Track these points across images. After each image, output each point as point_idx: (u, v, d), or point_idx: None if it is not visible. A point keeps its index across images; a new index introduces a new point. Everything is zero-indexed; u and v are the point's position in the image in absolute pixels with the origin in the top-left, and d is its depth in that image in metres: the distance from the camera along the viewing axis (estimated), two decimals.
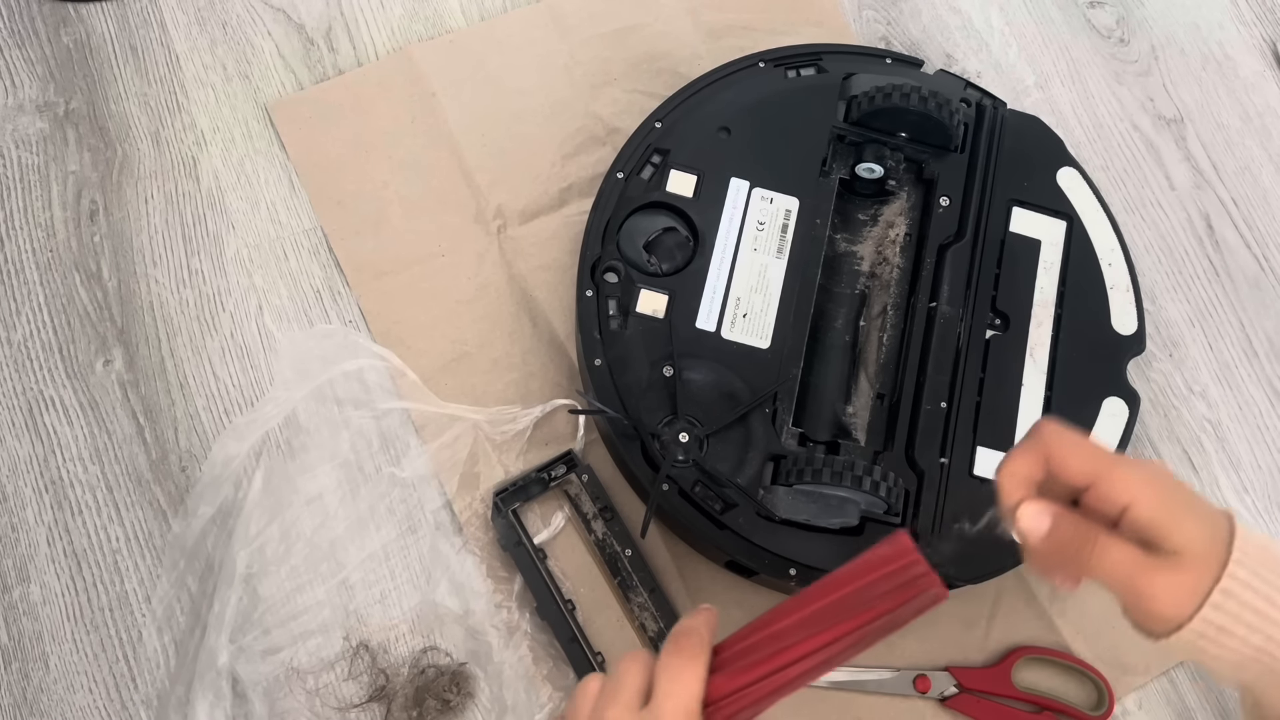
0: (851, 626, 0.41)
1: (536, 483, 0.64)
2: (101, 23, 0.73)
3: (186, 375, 0.66)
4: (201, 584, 0.62)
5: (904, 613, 0.41)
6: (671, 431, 0.60)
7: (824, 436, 0.63)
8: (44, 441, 0.64)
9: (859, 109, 0.67)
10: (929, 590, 0.41)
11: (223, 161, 0.71)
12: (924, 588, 0.41)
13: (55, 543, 0.63)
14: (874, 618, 0.41)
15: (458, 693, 0.61)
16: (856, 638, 0.41)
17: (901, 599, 0.41)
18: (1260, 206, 0.77)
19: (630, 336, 0.62)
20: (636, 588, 0.63)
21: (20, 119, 0.70)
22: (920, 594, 0.41)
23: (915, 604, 0.41)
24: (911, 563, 0.41)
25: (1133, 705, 0.65)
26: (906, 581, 0.41)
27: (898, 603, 0.41)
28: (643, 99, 0.73)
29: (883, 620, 0.41)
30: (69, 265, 0.68)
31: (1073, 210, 0.68)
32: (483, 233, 0.70)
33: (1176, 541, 0.39)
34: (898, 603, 0.41)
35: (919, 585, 0.41)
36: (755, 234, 0.65)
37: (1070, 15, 0.81)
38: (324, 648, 0.62)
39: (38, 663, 0.61)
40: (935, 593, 0.41)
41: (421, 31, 0.75)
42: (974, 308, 0.65)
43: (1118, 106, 0.79)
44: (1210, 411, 0.72)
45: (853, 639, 0.41)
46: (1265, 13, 0.83)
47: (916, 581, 0.41)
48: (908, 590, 0.41)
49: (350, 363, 0.66)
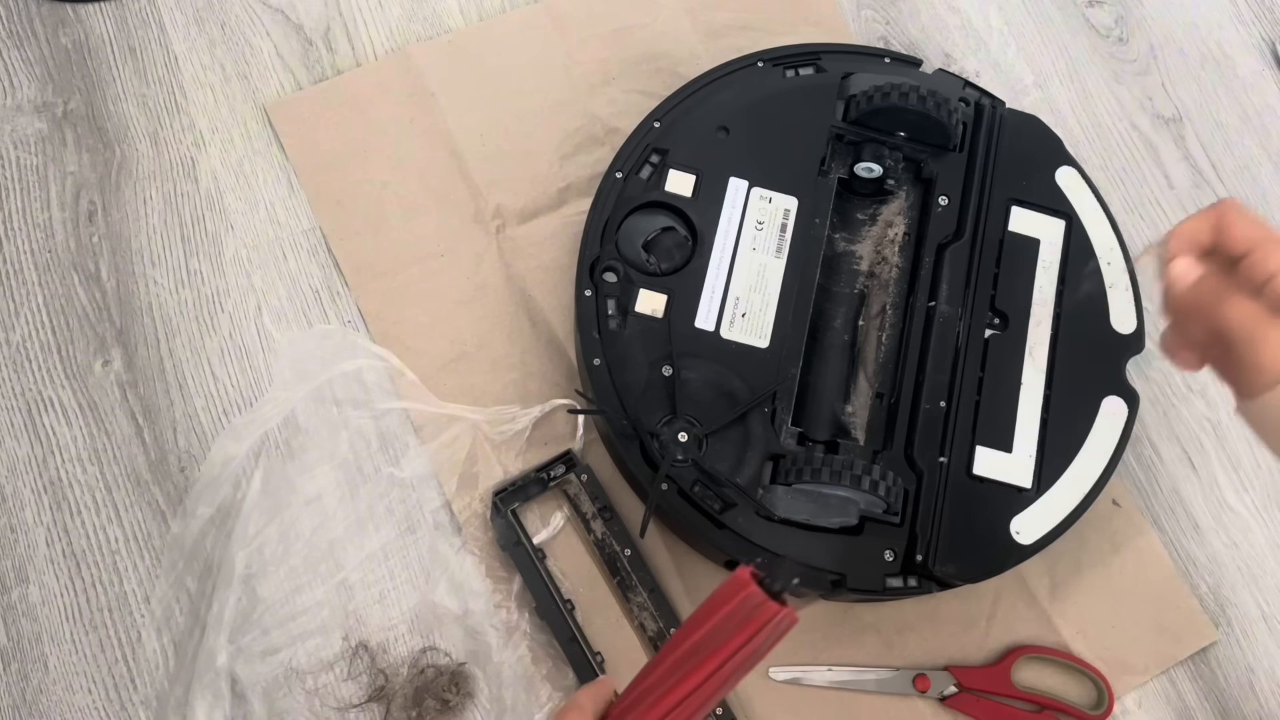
0: (711, 668, 0.42)
1: (535, 483, 0.64)
2: (100, 23, 0.73)
3: (185, 376, 0.66)
4: (200, 584, 0.62)
5: (759, 643, 0.42)
6: (670, 431, 0.60)
7: (823, 436, 0.63)
8: (43, 442, 0.64)
9: (857, 108, 0.67)
10: (772, 618, 0.42)
11: (221, 162, 0.71)
12: (766, 617, 0.42)
13: (54, 543, 0.63)
14: (729, 655, 0.42)
15: (457, 693, 0.61)
16: (720, 678, 0.42)
17: (749, 632, 0.42)
18: (1259, 205, 0.77)
19: (629, 336, 0.62)
20: (636, 587, 0.63)
21: (19, 120, 0.70)
22: (765, 624, 0.42)
23: (766, 633, 0.42)
24: (748, 595, 0.42)
25: (1132, 704, 0.65)
26: (749, 614, 0.42)
27: (747, 636, 0.42)
28: (641, 99, 0.73)
29: (740, 655, 0.42)
30: (67, 266, 0.68)
31: (1071, 209, 0.68)
32: (481, 233, 0.70)
33: None
34: (747, 636, 0.42)
35: (761, 615, 0.42)
36: (754, 233, 0.65)
37: (1069, 14, 0.81)
38: (323, 648, 0.62)
39: (37, 664, 0.61)
40: (780, 619, 0.42)
41: (420, 32, 0.75)
42: (973, 307, 0.65)
43: (1116, 106, 0.79)
44: (1209, 410, 0.72)
45: (716, 680, 0.42)
46: (1264, 12, 0.83)
47: (758, 612, 0.42)
48: (752, 622, 0.42)
49: (349, 363, 0.66)
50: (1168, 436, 0.71)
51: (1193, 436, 0.71)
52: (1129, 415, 0.64)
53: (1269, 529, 0.70)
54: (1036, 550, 0.61)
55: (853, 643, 0.65)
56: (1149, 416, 0.71)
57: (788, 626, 0.42)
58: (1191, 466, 0.71)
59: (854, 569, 0.60)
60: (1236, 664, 0.67)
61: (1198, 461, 0.71)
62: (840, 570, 0.59)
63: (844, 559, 0.60)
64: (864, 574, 0.60)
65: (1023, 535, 0.61)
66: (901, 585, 0.60)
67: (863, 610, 0.65)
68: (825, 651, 0.64)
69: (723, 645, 0.42)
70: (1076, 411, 0.64)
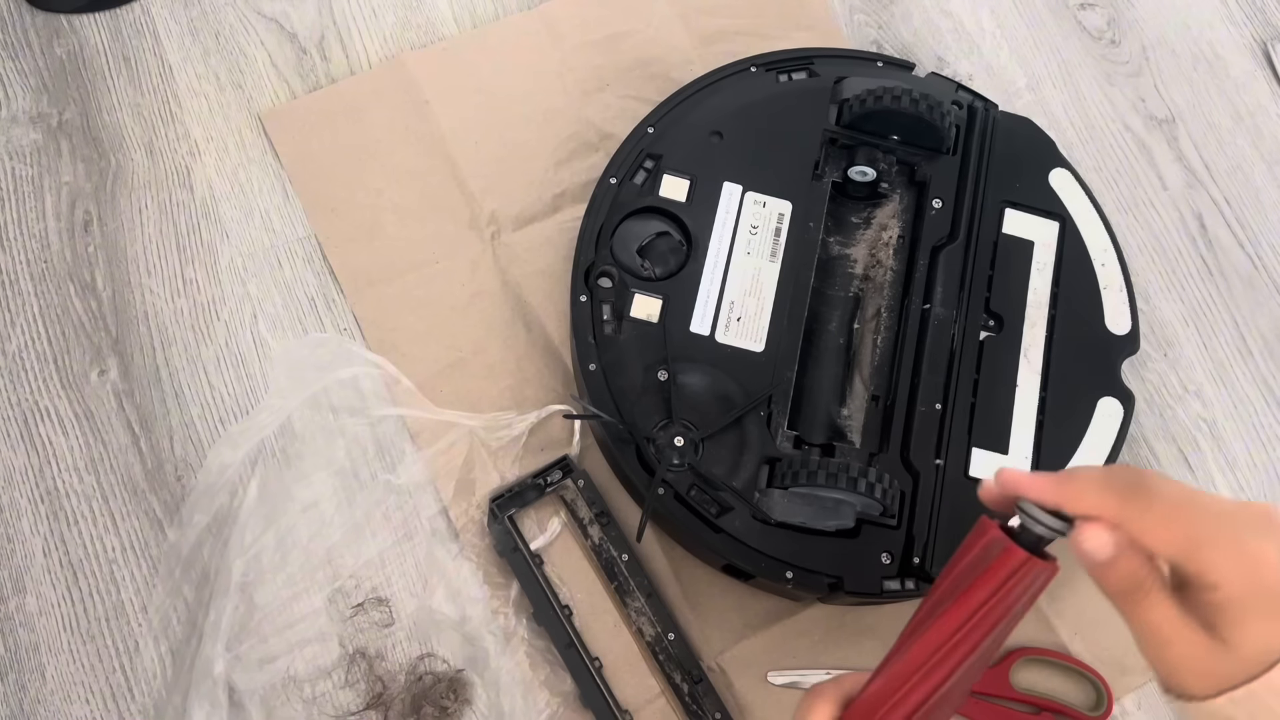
0: (960, 617, 0.41)
1: (532, 488, 0.64)
2: (94, 34, 0.73)
3: (181, 384, 0.66)
4: (197, 593, 0.62)
5: (1011, 592, 0.40)
6: (667, 435, 0.60)
7: (819, 439, 0.63)
8: (39, 452, 0.64)
9: (851, 112, 0.67)
10: (1020, 566, 0.40)
11: (216, 171, 0.71)
12: (1035, 573, 0.40)
13: (51, 553, 0.63)
14: (1001, 617, 0.41)
15: (455, 699, 0.61)
16: (976, 632, 0.41)
17: (998, 578, 0.40)
18: (1252, 205, 0.77)
19: (624, 341, 0.62)
20: (633, 592, 0.63)
21: (14, 130, 0.70)
22: (1034, 580, 0.40)
23: (1016, 583, 0.40)
24: (991, 540, 0.40)
25: (1131, 705, 0.65)
26: (1025, 577, 0.40)
27: (1022, 598, 0.40)
28: (635, 104, 0.73)
29: (991, 603, 0.40)
30: (63, 276, 0.68)
31: (1065, 211, 0.68)
32: (476, 239, 0.70)
33: (1237, 636, 0.37)
34: (1022, 598, 0.40)
35: (1030, 572, 0.40)
36: (749, 238, 0.65)
37: (1061, 17, 0.82)
38: (320, 655, 0.62)
39: (34, 674, 0.61)
40: (1030, 570, 0.40)
41: (414, 40, 0.75)
42: (968, 309, 0.65)
43: (1109, 107, 0.79)
44: (1205, 410, 0.72)
45: (972, 635, 0.41)
46: (1255, 12, 0.83)
47: (1026, 570, 0.40)
48: (1028, 584, 0.40)
49: (345, 370, 0.66)
50: (1164, 437, 0.71)
51: (1189, 437, 0.71)
52: (1125, 416, 0.64)
53: None
54: None
55: (851, 646, 0.65)
56: (1145, 417, 0.71)
57: (1047, 578, 0.40)
58: (1188, 467, 0.71)
59: (851, 572, 0.60)
60: None
61: (1194, 462, 0.71)
62: (838, 573, 0.59)
63: (841, 562, 0.60)
64: (861, 577, 0.60)
65: None
66: (899, 587, 0.60)
67: (861, 613, 0.65)
68: (824, 655, 0.64)
69: (997, 609, 0.40)
70: (1072, 413, 0.64)
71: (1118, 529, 0.38)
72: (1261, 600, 0.37)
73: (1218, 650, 0.37)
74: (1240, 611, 0.37)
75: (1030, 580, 0.40)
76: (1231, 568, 0.37)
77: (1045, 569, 0.41)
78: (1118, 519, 0.38)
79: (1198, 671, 0.38)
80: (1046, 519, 0.40)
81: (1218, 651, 0.37)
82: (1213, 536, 0.37)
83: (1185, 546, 0.37)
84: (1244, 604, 0.37)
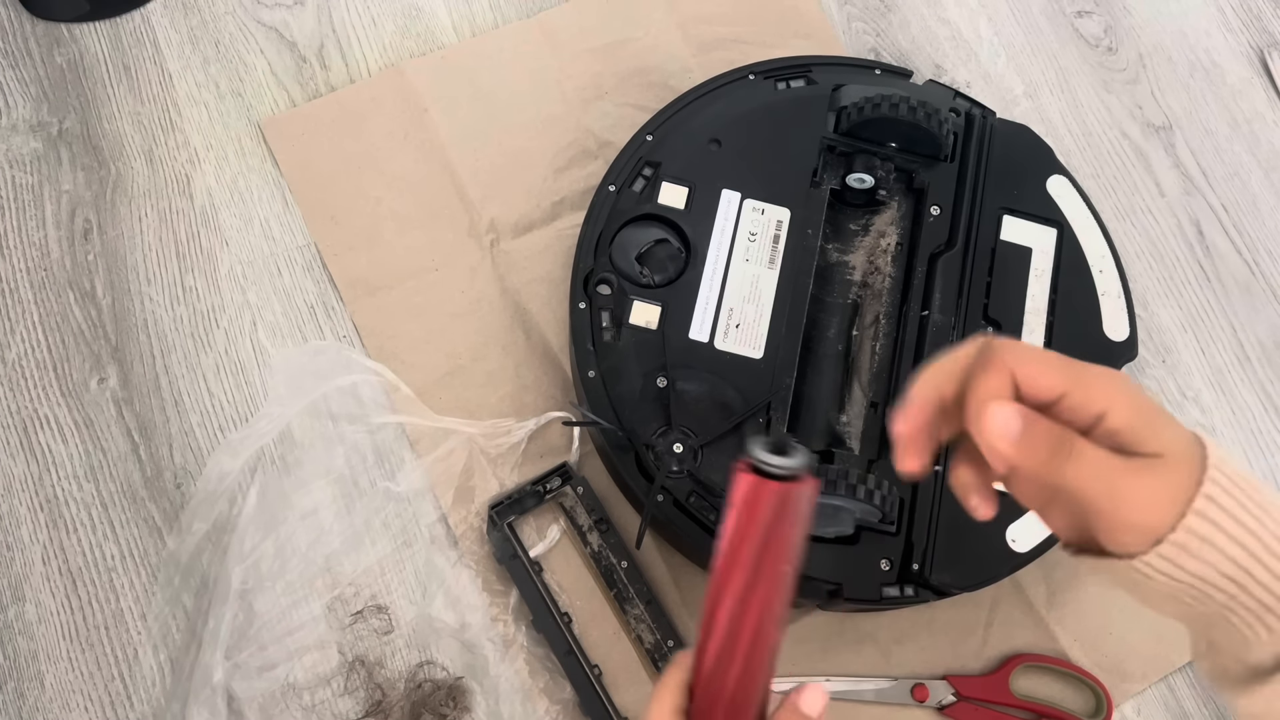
0: (745, 569, 0.40)
1: (532, 495, 0.64)
2: (95, 43, 0.73)
3: (181, 392, 0.66)
4: (197, 601, 0.62)
5: (771, 523, 0.39)
6: (666, 442, 0.60)
7: (818, 445, 0.63)
8: (38, 460, 0.64)
9: (849, 120, 0.67)
10: (798, 491, 0.39)
11: (216, 179, 0.71)
12: (766, 498, 0.39)
13: (50, 561, 0.63)
14: (755, 550, 0.39)
15: (454, 707, 0.61)
16: (762, 576, 0.40)
17: (759, 518, 0.39)
18: (1249, 212, 0.78)
19: (623, 348, 0.62)
20: (633, 599, 0.63)
21: (14, 139, 0.70)
22: (768, 505, 0.39)
23: (773, 513, 0.39)
24: (742, 481, 0.39)
25: (1131, 712, 0.65)
26: (779, 502, 0.39)
27: (759, 524, 0.39)
28: (634, 112, 0.73)
29: (763, 544, 0.39)
30: (63, 284, 0.68)
31: (1063, 218, 0.68)
32: (475, 247, 0.71)
33: (1155, 445, 0.37)
34: (759, 524, 0.39)
35: (787, 495, 0.39)
36: (747, 245, 0.65)
37: (1058, 24, 0.82)
38: (320, 663, 0.62)
39: (33, 682, 0.61)
40: (802, 489, 0.39)
41: (413, 48, 0.75)
42: (966, 316, 0.65)
43: (1106, 114, 0.80)
44: (1204, 417, 0.72)
45: (762, 580, 0.40)
46: (1251, 20, 0.83)
47: (758, 494, 0.39)
48: (775, 507, 0.39)
49: (344, 378, 0.66)
50: None
51: None
52: None
53: None
54: (1033, 558, 0.61)
55: (850, 653, 0.65)
56: None
57: (795, 498, 0.39)
58: None
59: (850, 579, 0.60)
60: None
61: None
62: (837, 580, 0.59)
63: (840, 569, 0.60)
64: (861, 583, 0.60)
65: (1019, 543, 0.61)
66: (898, 594, 0.60)
67: (860, 620, 0.65)
68: (823, 662, 0.64)
69: (743, 542, 0.39)
70: None
71: (1013, 403, 0.37)
72: (1147, 407, 0.37)
73: (1153, 467, 0.36)
74: (1143, 421, 0.37)
75: (777, 503, 0.39)
76: (1111, 387, 0.37)
77: (782, 489, 0.39)
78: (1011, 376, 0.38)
79: (1153, 500, 0.36)
80: (773, 459, 0.39)
81: (1154, 468, 0.36)
82: (1083, 365, 0.38)
83: (1070, 375, 0.37)
84: (1141, 415, 0.37)
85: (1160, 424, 0.37)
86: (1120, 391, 0.37)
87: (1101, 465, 0.36)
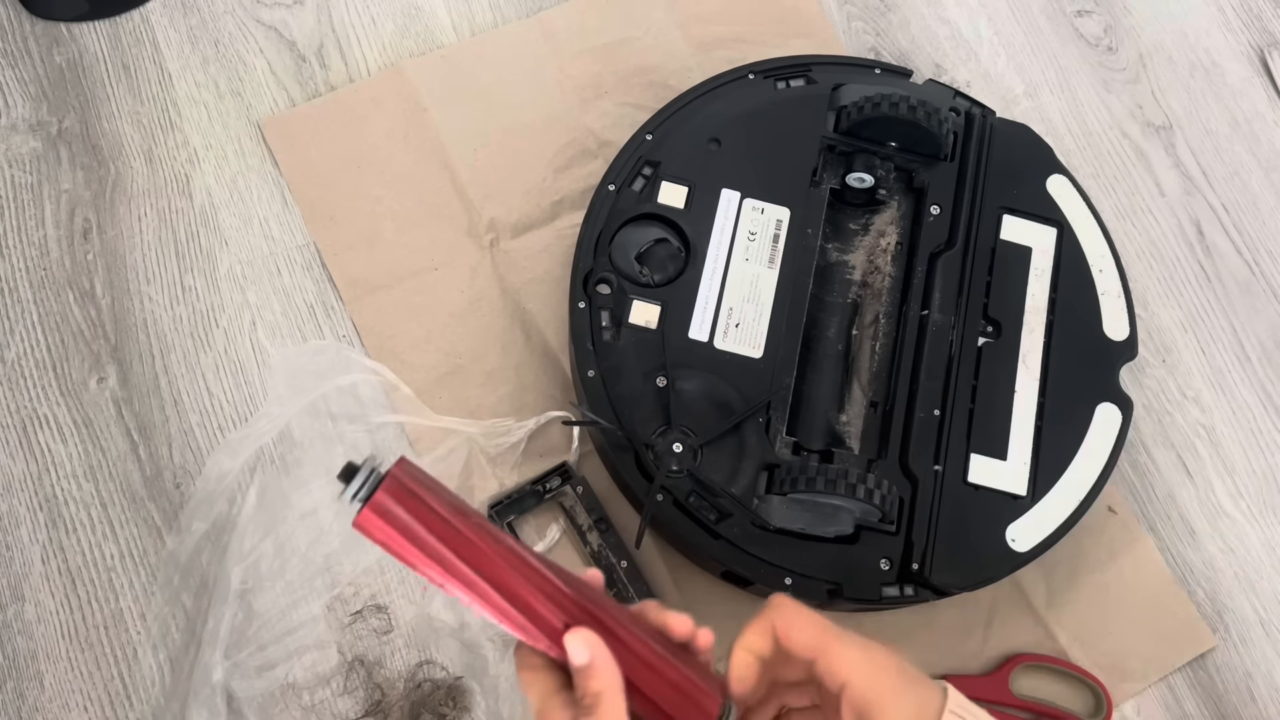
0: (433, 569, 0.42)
1: (531, 495, 0.64)
2: (94, 42, 0.73)
3: (180, 392, 0.66)
4: (196, 600, 0.62)
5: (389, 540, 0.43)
6: (665, 442, 0.60)
7: (818, 445, 0.63)
8: (38, 459, 0.64)
9: (848, 119, 0.67)
10: (386, 492, 0.43)
11: (215, 178, 0.71)
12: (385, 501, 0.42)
13: (50, 561, 0.63)
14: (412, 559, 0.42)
15: (454, 707, 0.61)
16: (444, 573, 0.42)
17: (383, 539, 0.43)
18: (1249, 211, 0.78)
19: (623, 347, 0.62)
20: (632, 599, 0.63)
21: (13, 138, 0.70)
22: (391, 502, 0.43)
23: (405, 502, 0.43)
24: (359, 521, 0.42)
25: (1131, 711, 0.65)
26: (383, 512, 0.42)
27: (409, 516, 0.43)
28: (633, 112, 0.73)
29: (406, 555, 0.42)
30: (62, 283, 0.68)
31: (1063, 217, 0.68)
32: (475, 246, 0.70)
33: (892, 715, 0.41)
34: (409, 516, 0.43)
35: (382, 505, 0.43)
36: (747, 244, 0.65)
37: (1058, 24, 0.82)
38: (319, 663, 0.62)
39: (33, 682, 0.61)
40: (390, 486, 0.43)
41: (413, 47, 0.75)
42: (966, 315, 0.65)
43: (1106, 114, 0.80)
44: (1204, 416, 0.72)
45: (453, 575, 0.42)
46: (1251, 19, 0.83)
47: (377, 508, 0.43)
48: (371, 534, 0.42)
49: (344, 377, 0.66)
50: (1162, 442, 0.71)
51: (1187, 442, 0.72)
52: (1123, 422, 0.65)
53: (1265, 534, 0.70)
54: (1032, 558, 0.61)
55: None
56: (1143, 423, 0.71)
57: (394, 493, 0.42)
58: (1186, 472, 0.71)
59: (850, 578, 0.60)
60: (1234, 670, 0.67)
61: (1192, 467, 0.71)
62: (836, 580, 0.59)
63: (840, 568, 0.60)
64: (860, 583, 0.60)
65: (1018, 543, 0.61)
66: (898, 594, 0.60)
67: (860, 620, 0.65)
68: None
69: (409, 558, 0.42)
70: (1071, 418, 0.64)
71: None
72: (884, 686, 0.41)
73: None
74: (875, 696, 0.41)
75: (381, 516, 0.42)
76: (850, 662, 0.41)
77: (375, 503, 0.42)
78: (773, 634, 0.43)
79: None
80: (347, 489, 0.43)
81: None
82: (838, 635, 0.42)
83: (819, 644, 0.42)
84: (873, 691, 0.41)
85: (890, 702, 0.41)
86: (858, 665, 0.41)
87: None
